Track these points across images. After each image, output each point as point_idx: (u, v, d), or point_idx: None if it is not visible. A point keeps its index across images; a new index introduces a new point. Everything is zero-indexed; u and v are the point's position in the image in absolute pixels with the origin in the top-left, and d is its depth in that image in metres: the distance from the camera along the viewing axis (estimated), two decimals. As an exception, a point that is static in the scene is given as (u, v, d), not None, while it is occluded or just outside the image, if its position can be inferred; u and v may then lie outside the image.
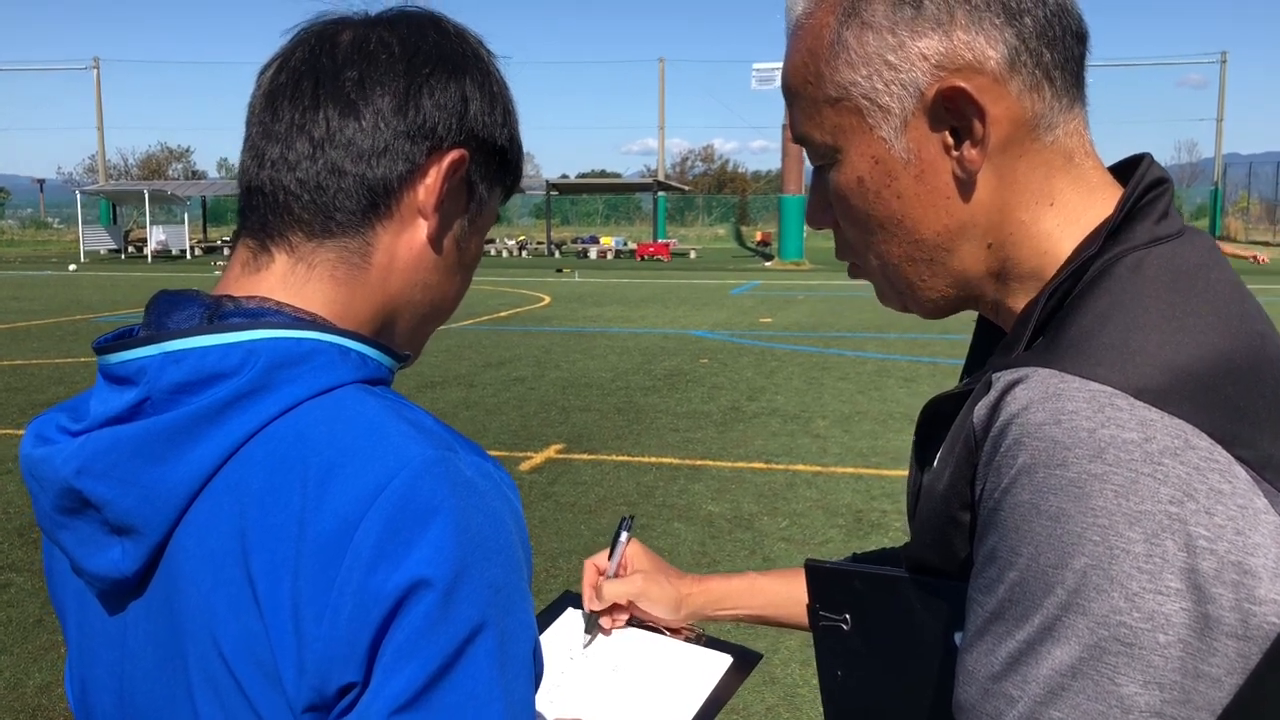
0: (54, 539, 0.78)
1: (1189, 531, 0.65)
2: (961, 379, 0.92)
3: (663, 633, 1.25)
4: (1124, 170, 0.85)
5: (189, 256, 40.57)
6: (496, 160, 0.87)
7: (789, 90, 0.85)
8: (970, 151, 0.78)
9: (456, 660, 0.67)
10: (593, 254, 41.75)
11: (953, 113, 0.78)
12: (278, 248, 0.81)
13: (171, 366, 0.73)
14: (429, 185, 0.82)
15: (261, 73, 0.85)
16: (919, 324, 14.38)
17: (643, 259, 38.92)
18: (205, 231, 49.86)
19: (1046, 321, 0.78)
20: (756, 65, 43.33)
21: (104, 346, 0.77)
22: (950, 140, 0.79)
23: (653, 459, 7.52)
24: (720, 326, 16.04)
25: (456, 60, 0.84)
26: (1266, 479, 0.68)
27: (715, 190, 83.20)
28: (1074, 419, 0.68)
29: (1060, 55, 0.78)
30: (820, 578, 0.94)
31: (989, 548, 0.71)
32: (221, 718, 0.71)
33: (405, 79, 0.81)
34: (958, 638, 0.77)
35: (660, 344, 13.86)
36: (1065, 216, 0.80)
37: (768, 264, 34.37)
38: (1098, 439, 0.67)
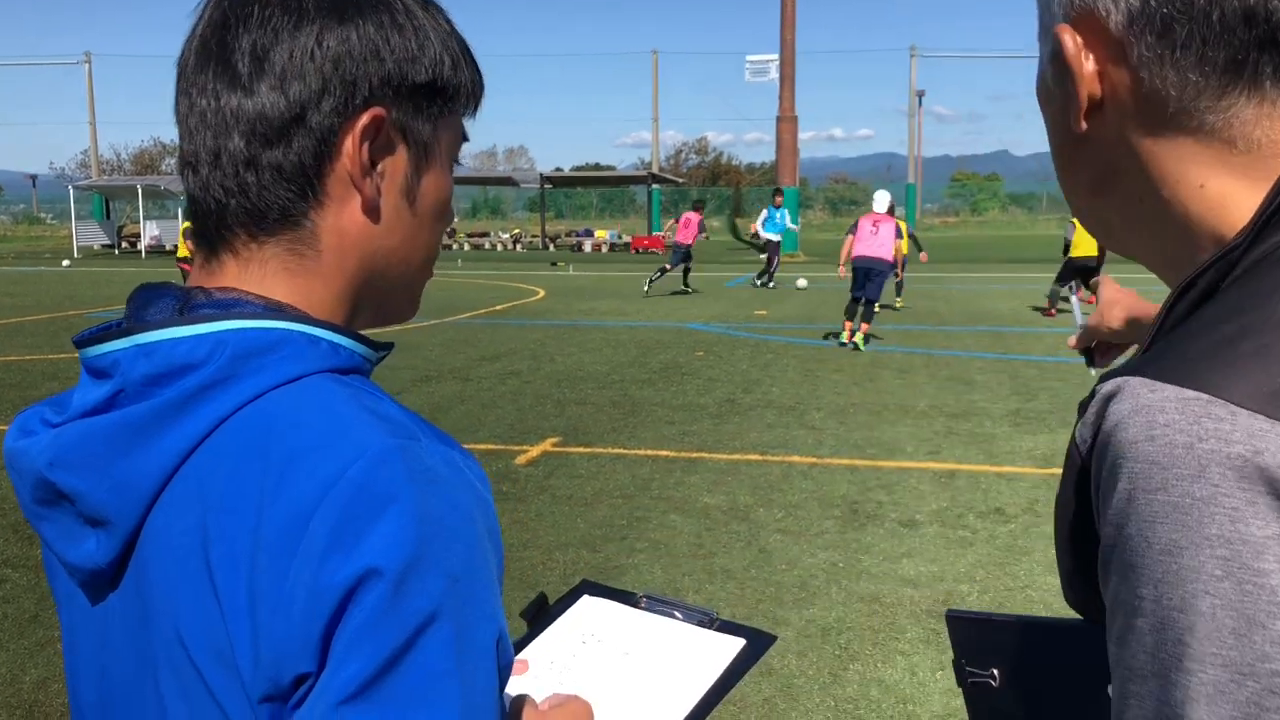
0: (37, 530, 0.79)
1: None
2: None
3: (676, 617, 1.26)
4: None
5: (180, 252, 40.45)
6: (425, 95, 0.81)
7: None
8: (1072, 109, 0.74)
9: (407, 650, 0.66)
10: (587, 247, 41.74)
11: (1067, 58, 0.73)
12: (224, 251, 0.80)
13: (143, 359, 0.74)
14: (350, 155, 0.78)
15: (179, 63, 0.82)
16: (911, 316, 14.38)
17: (637, 252, 38.89)
18: (199, 227, 49.56)
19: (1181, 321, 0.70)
20: (750, 57, 43.27)
21: (84, 340, 0.77)
22: (1073, 89, 0.74)
23: (649, 451, 7.52)
24: (716, 319, 16.03)
25: (342, 6, 0.79)
26: None
27: (710, 182, 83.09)
28: (1169, 433, 0.60)
29: (1201, 33, 0.68)
30: (963, 628, 0.86)
31: (1112, 592, 0.63)
32: (185, 707, 0.72)
33: (290, 42, 0.77)
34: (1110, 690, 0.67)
35: (655, 337, 13.85)
36: (1220, 204, 0.71)
37: (762, 256, 34.31)
38: (1197, 455, 0.59)
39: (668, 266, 20.85)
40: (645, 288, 20.27)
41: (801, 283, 22.02)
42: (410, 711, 0.65)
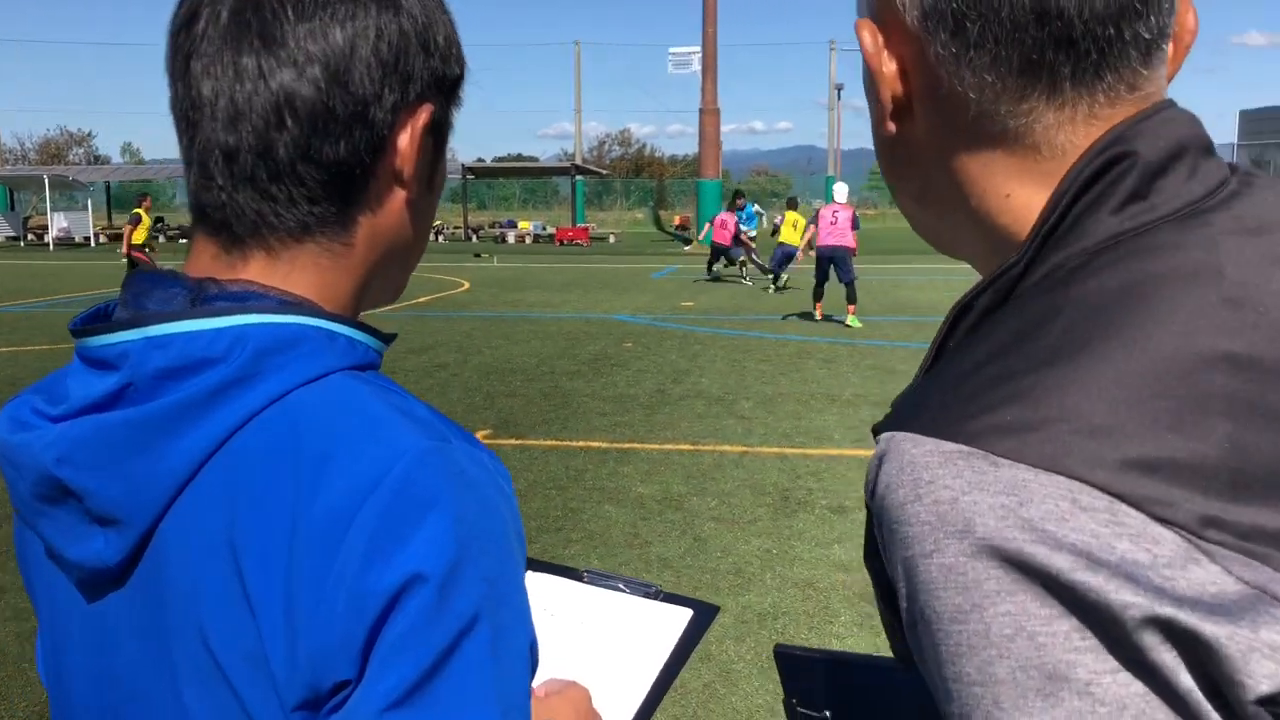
0: (32, 526, 0.76)
1: None
2: None
3: (621, 589, 1.28)
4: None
5: (93, 244, 39.28)
6: (456, 88, 0.82)
7: None
8: (876, 108, 0.71)
9: (449, 655, 0.65)
10: (511, 239, 41.48)
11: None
12: (254, 246, 0.76)
13: (155, 352, 0.70)
14: (404, 153, 0.77)
15: (174, 30, 0.76)
16: (836, 307, 14.61)
17: (562, 244, 38.78)
18: (110, 218, 48.34)
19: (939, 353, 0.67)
20: (673, 49, 43.44)
21: (83, 328, 0.74)
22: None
23: (581, 443, 7.54)
24: (643, 310, 16.10)
25: None
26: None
27: (633, 174, 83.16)
28: (934, 489, 0.57)
29: (993, 32, 0.63)
30: (793, 665, 0.82)
31: (922, 666, 0.59)
32: (207, 709, 0.70)
33: (349, 29, 0.74)
34: None
35: (584, 329, 13.86)
36: (1026, 214, 0.66)
37: (687, 248, 34.50)
38: (962, 511, 0.55)
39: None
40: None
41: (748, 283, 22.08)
42: (453, 717, 0.65)
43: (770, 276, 19.90)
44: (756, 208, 23.87)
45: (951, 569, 0.55)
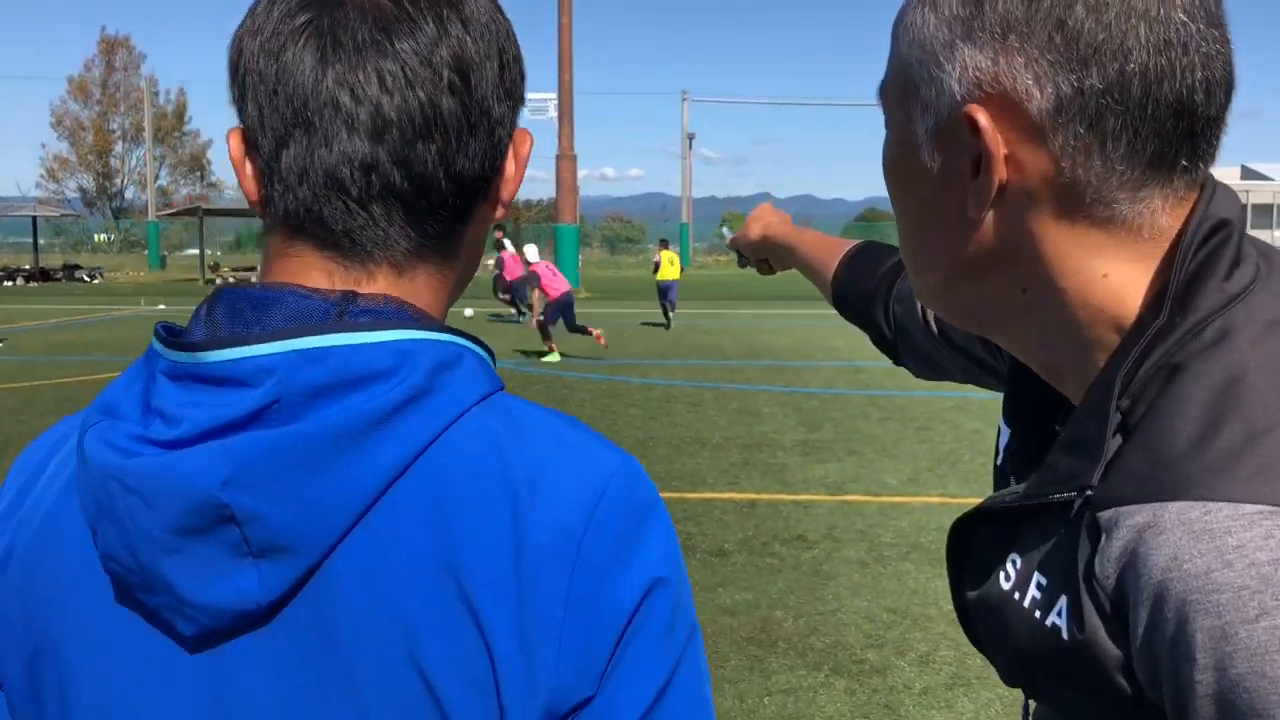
0: (147, 570, 0.65)
1: None
2: (1006, 421, 0.86)
3: None
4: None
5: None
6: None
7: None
8: (974, 192, 0.70)
9: (682, 658, 0.67)
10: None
11: (977, 141, 0.69)
12: (378, 264, 0.72)
13: (308, 366, 0.65)
14: (511, 175, 0.77)
15: (286, 39, 0.69)
16: (699, 349, 14.81)
17: (417, 288, 38.16)
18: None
19: (1124, 418, 0.67)
20: (529, 95, 43.52)
21: (191, 343, 0.67)
22: (968, 170, 0.70)
23: (453, 491, 7.38)
24: (505, 356, 15.96)
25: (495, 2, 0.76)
26: None
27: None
28: (1245, 554, 0.56)
29: (1133, 125, 0.65)
30: None
31: None
32: None
33: (486, 41, 0.73)
34: None
35: (446, 374, 13.63)
36: (1121, 292, 0.69)
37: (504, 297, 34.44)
38: None
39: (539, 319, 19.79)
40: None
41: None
42: (693, 717, 0.67)
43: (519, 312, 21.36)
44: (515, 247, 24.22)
45: None
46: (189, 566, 0.65)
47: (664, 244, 22.05)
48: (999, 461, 0.88)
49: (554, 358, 15.04)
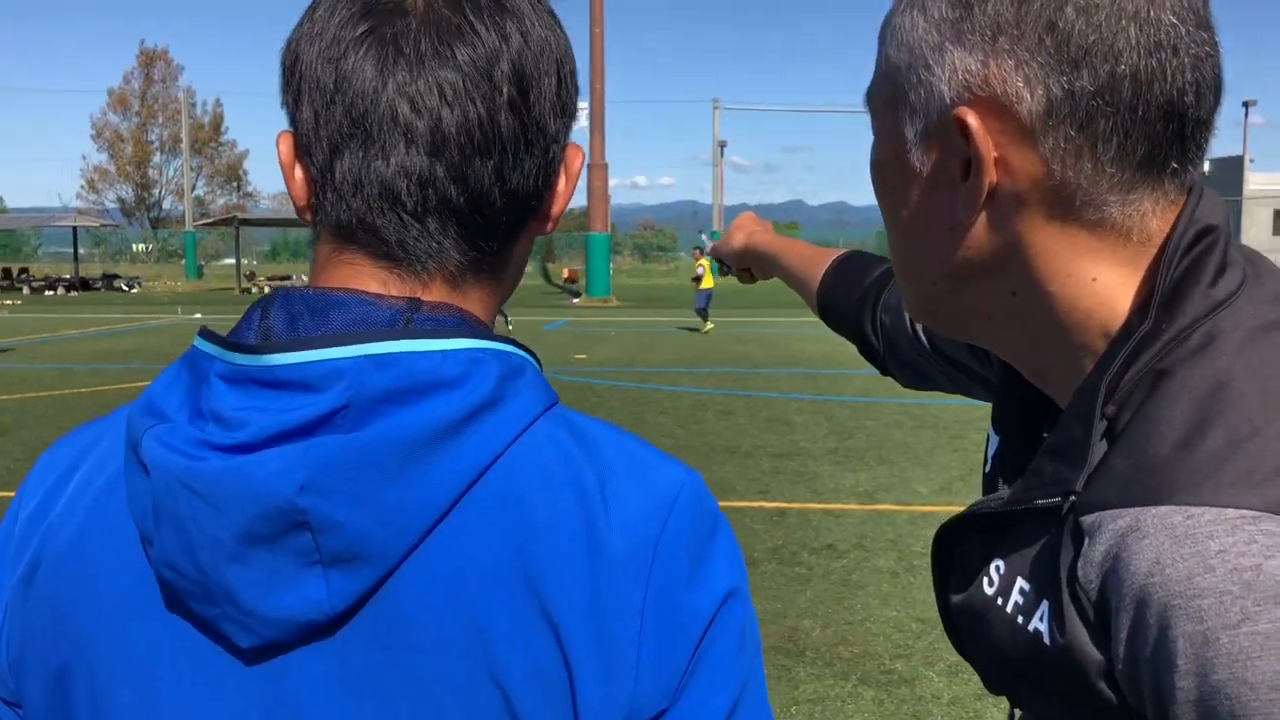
0: (209, 578, 0.63)
1: None
2: (995, 429, 0.86)
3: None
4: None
5: (-49, 295, 37.35)
6: None
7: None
8: (967, 195, 0.69)
9: (749, 677, 0.68)
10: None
11: (967, 143, 0.68)
12: (433, 276, 0.72)
13: (378, 372, 0.63)
14: (562, 193, 0.76)
15: (348, 46, 0.68)
16: (730, 358, 14.78)
17: (449, 296, 38.40)
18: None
19: (1110, 423, 0.67)
20: (561, 105, 43.70)
21: (256, 346, 0.65)
22: (958, 173, 0.69)
23: (483, 498, 7.40)
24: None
25: (553, 12, 0.75)
26: None
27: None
28: (1228, 559, 0.56)
29: (1124, 127, 0.65)
30: None
31: None
32: None
33: (546, 53, 0.72)
34: None
35: (477, 382, 13.68)
36: (1111, 296, 0.69)
37: (576, 300, 34.59)
38: (1269, 575, 0.55)
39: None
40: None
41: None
42: None
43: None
44: None
45: (1269, 635, 0.53)
46: (253, 575, 0.63)
47: (701, 252, 22.18)
48: (987, 469, 0.88)
49: None
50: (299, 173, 0.72)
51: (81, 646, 0.68)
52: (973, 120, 0.67)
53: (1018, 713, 0.85)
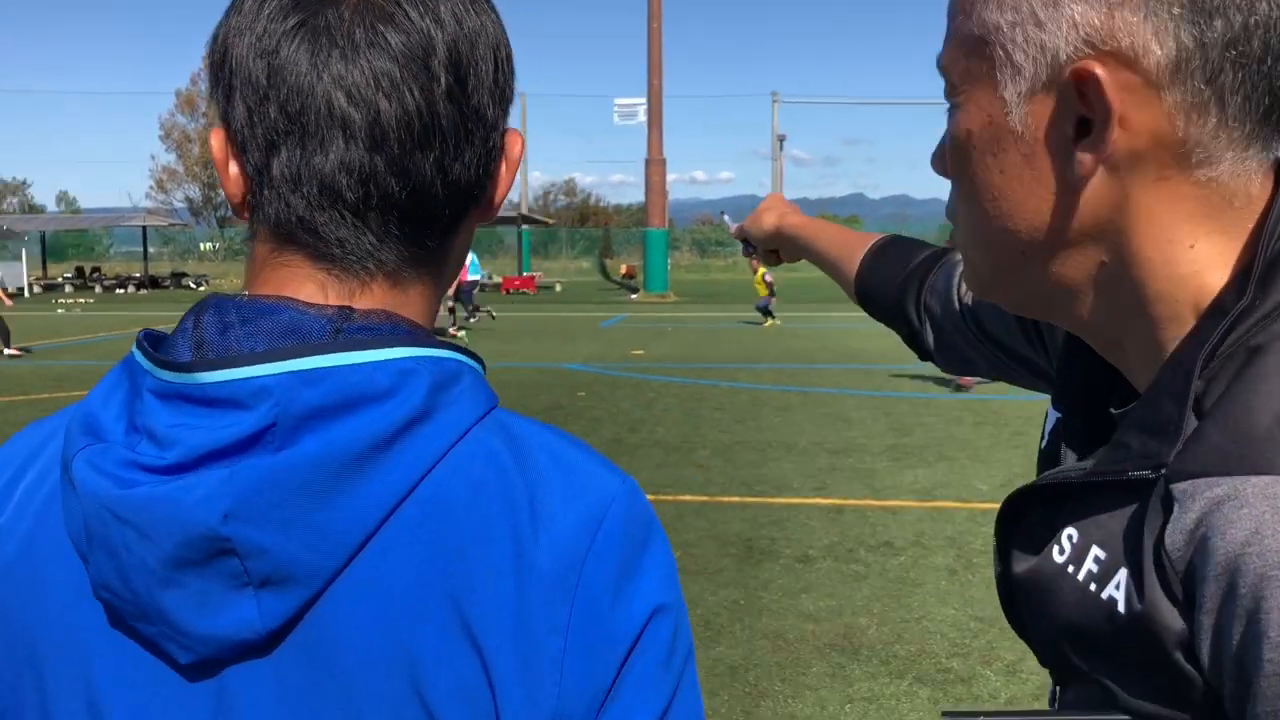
0: (143, 601, 0.64)
1: None
2: (1056, 406, 0.86)
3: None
4: None
5: (27, 295, 38.43)
6: None
7: (948, 13, 0.74)
8: (1083, 154, 0.66)
9: (680, 683, 0.67)
10: (457, 288, 41.30)
11: (1084, 100, 0.65)
12: (373, 277, 0.70)
13: (305, 388, 0.62)
14: (503, 181, 0.75)
15: (280, 39, 0.67)
16: (788, 354, 14.70)
17: (508, 292, 38.72)
18: (45, 269, 47.42)
19: (1198, 399, 0.65)
20: (619, 101, 43.82)
21: (186, 363, 0.64)
22: (1071, 132, 0.66)
23: (539, 494, 7.45)
24: (593, 359, 16.06)
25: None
26: None
27: (579, 223, 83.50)
28: None
29: (1252, 79, 0.63)
30: None
31: None
32: None
33: (481, 42, 0.70)
34: None
35: (535, 378, 13.78)
36: (1206, 265, 0.67)
37: (634, 296, 34.63)
38: None
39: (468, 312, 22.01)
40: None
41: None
42: None
43: (469, 318, 22.09)
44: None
45: None
46: (185, 598, 0.63)
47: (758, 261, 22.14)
48: (1044, 445, 0.87)
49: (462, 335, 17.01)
50: (234, 169, 0.70)
51: (32, 652, 0.68)
52: (1101, 70, 0.64)
53: (1059, 692, 0.84)
